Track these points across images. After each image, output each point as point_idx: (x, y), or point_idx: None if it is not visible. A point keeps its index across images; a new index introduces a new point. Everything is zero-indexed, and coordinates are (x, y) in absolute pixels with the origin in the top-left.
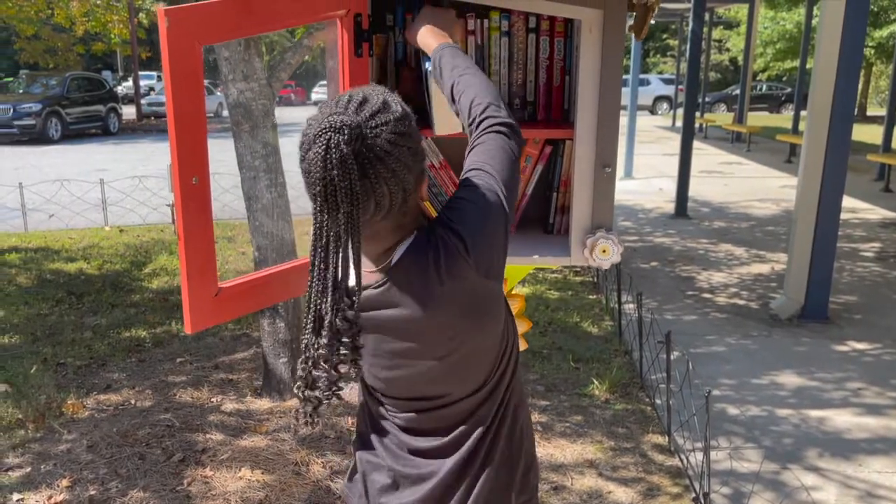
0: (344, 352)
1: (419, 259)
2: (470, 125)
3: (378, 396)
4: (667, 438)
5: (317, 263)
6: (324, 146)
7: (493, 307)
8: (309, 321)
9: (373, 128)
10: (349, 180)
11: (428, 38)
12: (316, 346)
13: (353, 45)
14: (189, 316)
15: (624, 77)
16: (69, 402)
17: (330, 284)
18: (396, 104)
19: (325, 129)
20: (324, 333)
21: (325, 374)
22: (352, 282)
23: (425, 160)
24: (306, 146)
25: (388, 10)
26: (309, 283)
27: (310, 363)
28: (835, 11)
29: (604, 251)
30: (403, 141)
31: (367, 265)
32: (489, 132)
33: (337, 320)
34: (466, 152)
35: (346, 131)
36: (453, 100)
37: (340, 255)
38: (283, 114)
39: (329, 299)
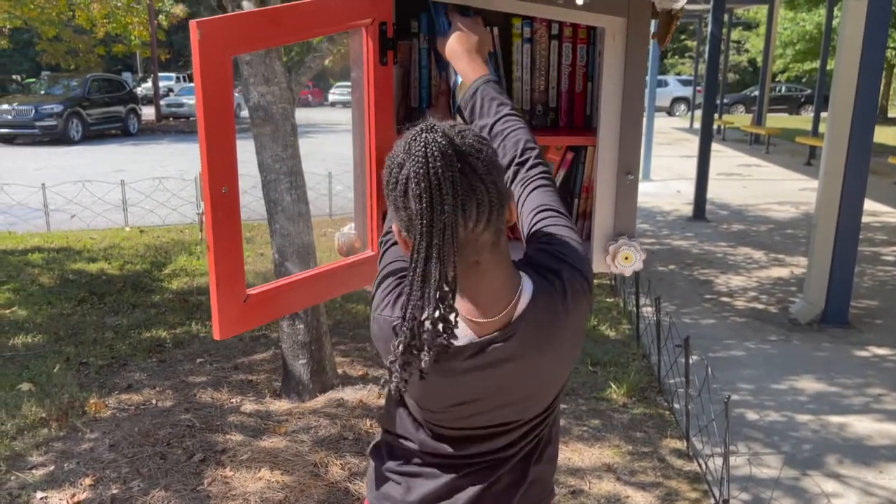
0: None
1: (549, 304)
2: (519, 163)
3: (433, 428)
4: (685, 443)
5: (418, 265)
6: (422, 144)
7: (582, 338)
8: (406, 326)
9: (458, 132)
10: (452, 171)
11: (464, 63)
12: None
13: (378, 54)
14: (218, 323)
15: None
16: (91, 401)
17: (434, 290)
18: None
19: (418, 132)
20: (423, 331)
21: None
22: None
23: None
24: (401, 157)
25: (413, 16)
26: (408, 284)
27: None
28: (856, 12)
29: (626, 258)
30: (488, 147)
31: (476, 313)
32: (544, 177)
33: (433, 328)
34: (521, 187)
35: (438, 129)
36: (491, 133)
37: (446, 252)
38: (300, 115)
39: (433, 306)
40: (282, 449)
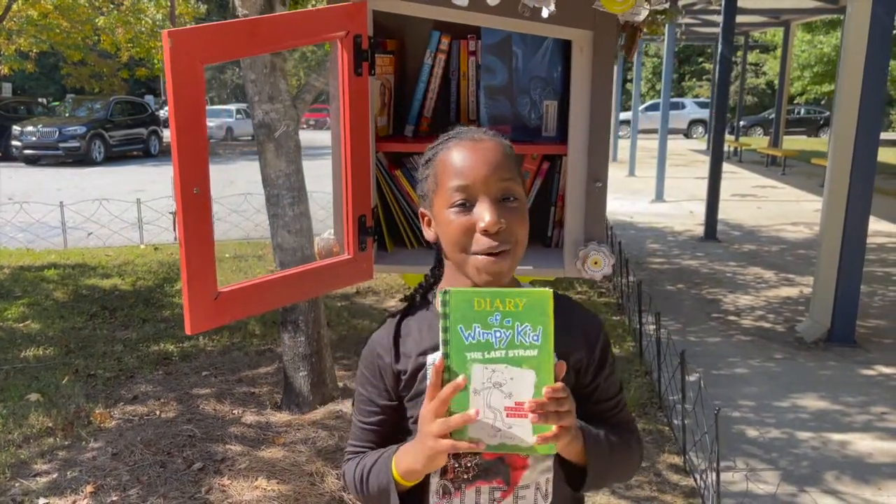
0: None
1: None
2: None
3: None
4: (682, 458)
5: None
6: None
7: None
8: None
9: None
10: None
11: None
12: None
13: (352, 65)
14: (189, 317)
15: (655, 101)
16: (97, 411)
17: None
18: None
19: None
20: None
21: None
22: None
23: None
24: None
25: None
26: None
27: None
28: (859, 32)
29: (595, 263)
30: None
31: None
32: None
33: None
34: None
35: None
36: None
37: None
38: (314, 136)
39: None
40: (279, 459)
